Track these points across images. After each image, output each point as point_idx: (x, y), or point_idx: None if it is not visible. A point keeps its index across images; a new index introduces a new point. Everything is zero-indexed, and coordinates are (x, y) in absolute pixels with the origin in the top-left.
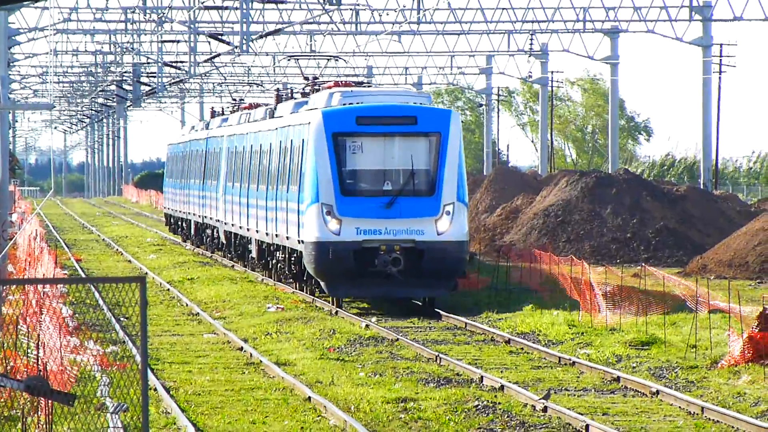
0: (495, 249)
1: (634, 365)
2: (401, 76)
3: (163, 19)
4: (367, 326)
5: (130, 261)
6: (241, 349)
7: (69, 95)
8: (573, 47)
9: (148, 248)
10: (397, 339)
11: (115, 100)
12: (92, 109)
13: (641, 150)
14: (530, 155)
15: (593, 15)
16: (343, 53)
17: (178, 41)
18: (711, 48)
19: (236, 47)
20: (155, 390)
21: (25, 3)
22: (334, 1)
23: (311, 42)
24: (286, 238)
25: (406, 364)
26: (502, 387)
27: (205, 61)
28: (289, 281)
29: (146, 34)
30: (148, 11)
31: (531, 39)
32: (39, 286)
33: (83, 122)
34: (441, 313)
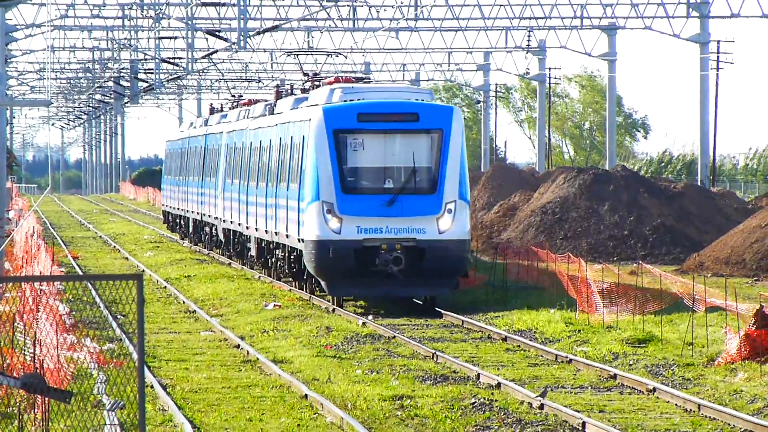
0: (492, 246)
1: (631, 363)
2: (399, 73)
3: (161, 16)
4: (364, 324)
5: (127, 258)
6: (238, 347)
7: (66, 92)
8: (570, 44)
9: (146, 245)
10: (394, 336)
11: (113, 97)
12: (89, 106)
13: (639, 147)
14: (528, 152)
15: (591, 12)
16: (341, 50)
17: (176, 38)
18: (708, 45)
19: (234, 44)
20: (152, 387)
21: None
22: None
23: (309, 39)
24: (286, 237)
25: (403, 362)
26: (499, 384)
27: (203, 58)
28: (289, 280)
29: (143, 31)
30: (146, 7)
31: (528, 36)
32: (36, 284)
33: (80, 119)
34: (438, 311)
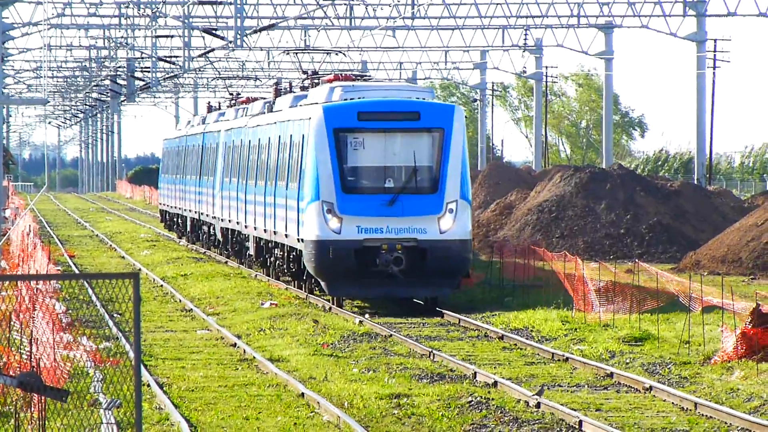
0: (489, 245)
1: (628, 361)
2: (396, 72)
3: (157, 14)
4: (361, 322)
5: (124, 257)
6: (235, 345)
7: (63, 90)
8: (567, 42)
9: (142, 244)
10: (391, 335)
11: (109, 95)
12: (86, 104)
13: (635, 145)
14: (524, 150)
15: (587, 10)
16: (337, 48)
17: (173, 36)
18: (705, 43)
19: (230, 42)
20: (148, 386)
21: None
22: None
23: (305, 37)
24: (285, 236)
25: (400, 360)
26: (496, 383)
27: (200, 56)
28: (288, 280)
29: (140, 29)
30: (142, 6)
31: (525, 34)
32: (32, 282)
33: (77, 117)
34: (440, 311)
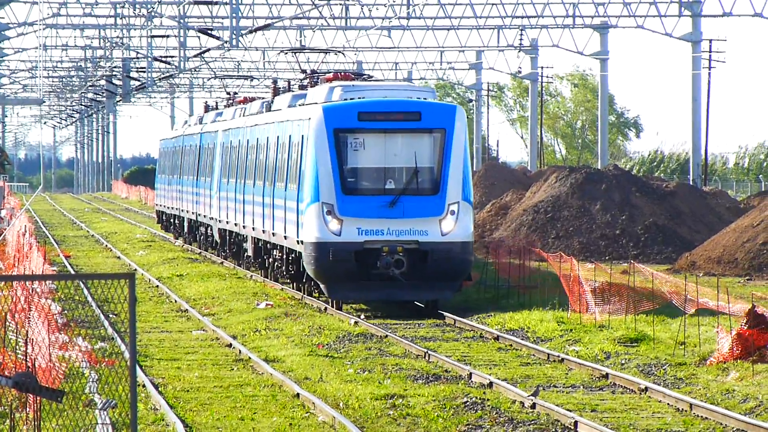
0: (484, 245)
1: (623, 362)
2: (391, 72)
3: (153, 14)
4: (356, 323)
5: (119, 257)
6: (230, 346)
7: (58, 90)
8: (563, 43)
9: (138, 245)
10: (386, 336)
11: (105, 95)
12: (82, 104)
13: (631, 146)
14: (520, 151)
15: (583, 10)
16: (336, 48)
17: (168, 36)
18: (700, 44)
19: (226, 42)
20: (144, 386)
21: None
22: None
23: (301, 37)
24: (284, 238)
25: (395, 361)
26: (491, 384)
27: (195, 56)
28: (287, 281)
29: (136, 29)
30: (138, 6)
31: (521, 34)
32: (28, 283)
33: (73, 117)
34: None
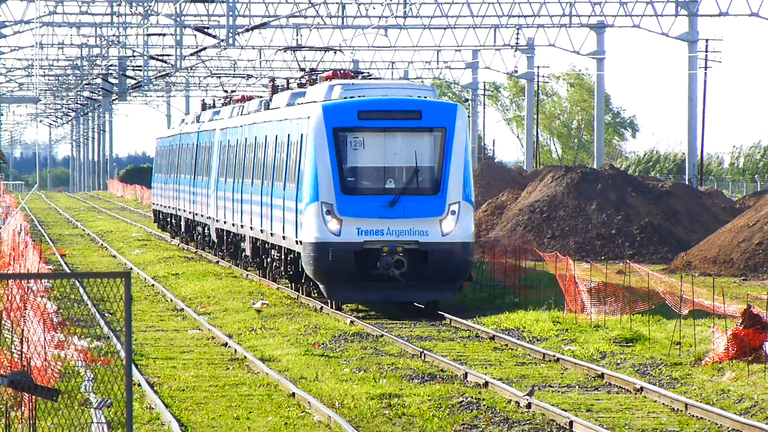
0: (480, 245)
1: (619, 362)
2: (387, 71)
3: (149, 12)
4: (352, 322)
5: (115, 256)
6: (226, 345)
7: (54, 88)
8: (559, 42)
9: (133, 243)
10: (382, 335)
11: (101, 94)
12: (78, 103)
13: (627, 146)
14: (516, 151)
15: (579, 10)
16: (330, 47)
17: (164, 34)
18: (697, 43)
19: (222, 40)
20: (139, 385)
21: None
22: None
23: (297, 36)
24: (283, 238)
25: (391, 360)
26: (487, 383)
27: (192, 55)
28: (285, 282)
29: (132, 27)
30: (134, 4)
31: (517, 34)
32: (23, 282)
33: (68, 116)
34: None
